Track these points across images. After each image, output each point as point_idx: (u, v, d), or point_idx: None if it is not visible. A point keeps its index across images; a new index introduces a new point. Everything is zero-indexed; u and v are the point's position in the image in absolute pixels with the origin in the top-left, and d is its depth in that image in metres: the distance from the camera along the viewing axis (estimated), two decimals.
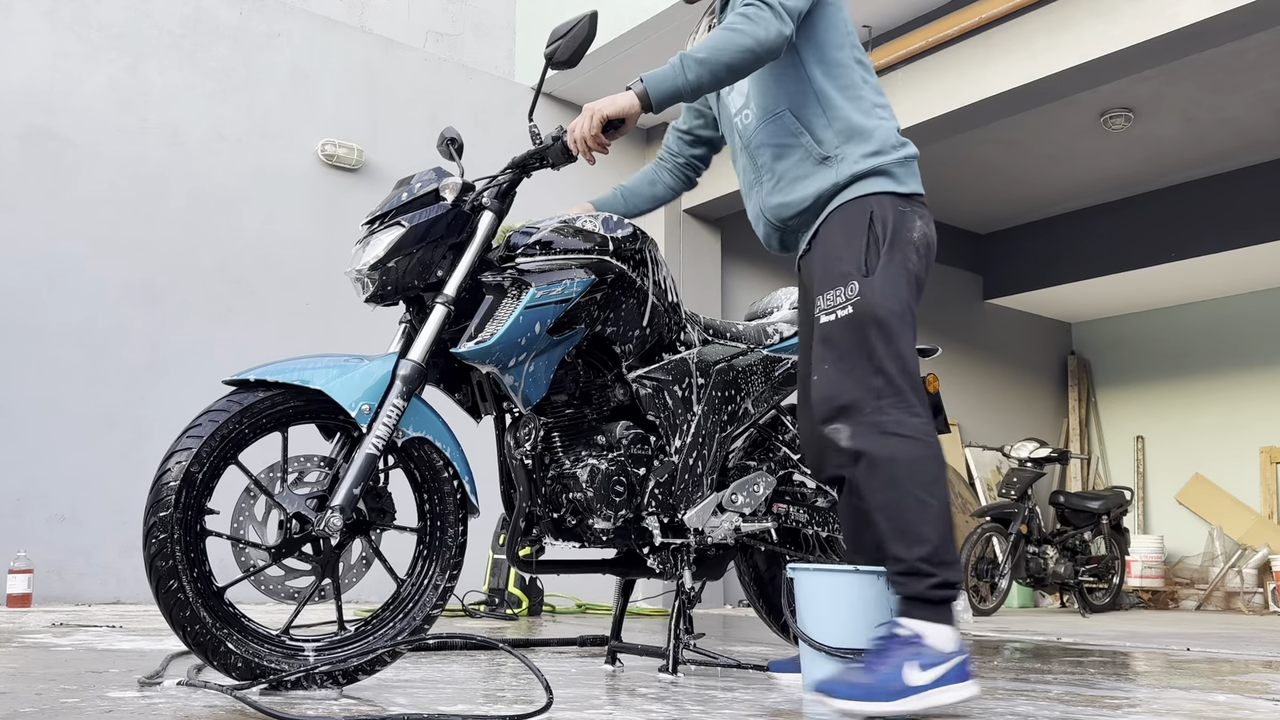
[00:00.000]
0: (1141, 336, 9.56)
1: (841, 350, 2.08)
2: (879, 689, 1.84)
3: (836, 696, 1.85)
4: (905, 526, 1.96)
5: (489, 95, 6.45)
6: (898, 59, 5.57)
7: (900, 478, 1.98)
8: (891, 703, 1.84)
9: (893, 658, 1.88)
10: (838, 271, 2.12)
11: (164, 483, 1.91)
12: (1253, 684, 2.64)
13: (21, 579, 4.38)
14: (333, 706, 1.81)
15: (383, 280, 2.18)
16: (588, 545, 2.48)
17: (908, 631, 1.91)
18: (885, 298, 2.07)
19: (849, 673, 1.89)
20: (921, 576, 1.94)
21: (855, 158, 2.18)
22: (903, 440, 2.00)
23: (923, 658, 1.87)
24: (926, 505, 1.97)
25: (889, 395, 2.03)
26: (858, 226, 2.13)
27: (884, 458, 1.99)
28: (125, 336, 5.05)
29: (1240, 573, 8.08)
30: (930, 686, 1.86)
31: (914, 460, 1.99)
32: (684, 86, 2.09)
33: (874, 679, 1.85)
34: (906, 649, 1.88)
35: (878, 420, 2.02)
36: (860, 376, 2.04)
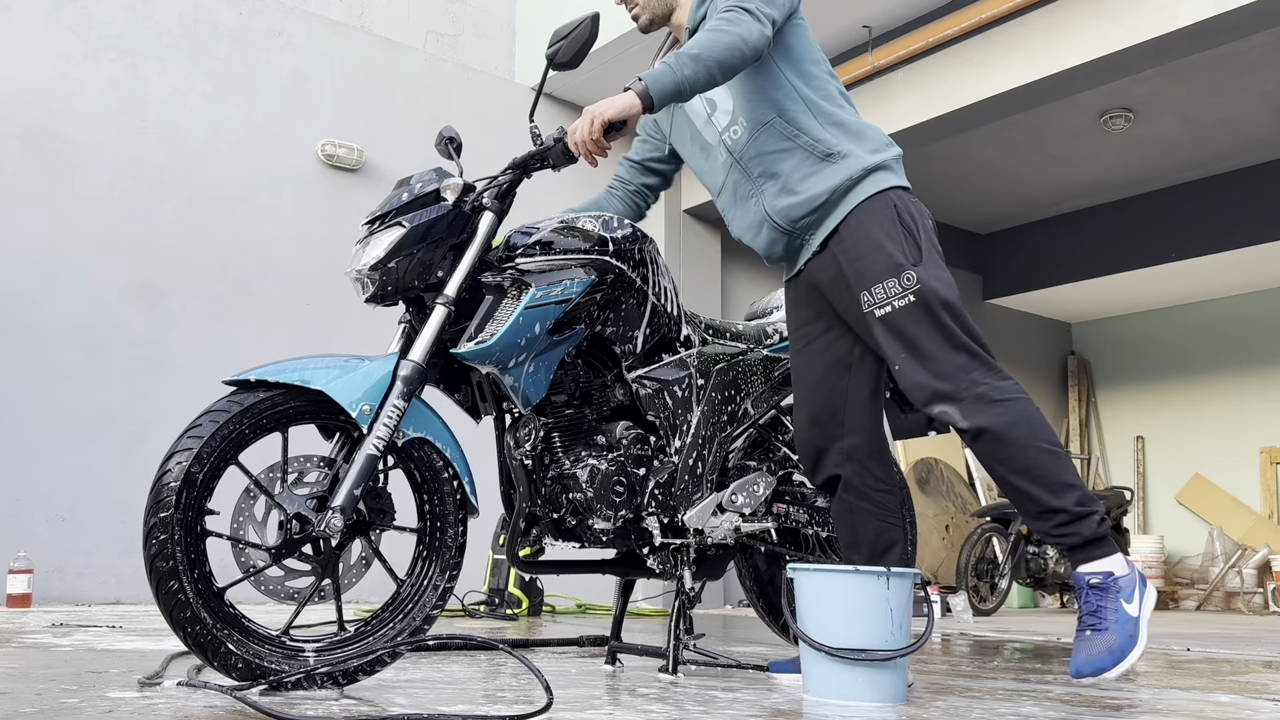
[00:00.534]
0: (1141, 337, 9.56)
1: (915, 337, 2.16)
2: (1125, 639, 1.99)
3: (1105, 669, 1.98)
4: (1051, 479, 2.07)
5: (489, 95, 6.45)
6: (898, 59, 5.57)
7: (1025, 439, 2.08)
8: (1138, 644, 2.01)
9: (1109, 607, 2.03)
10: (887, 264, 2.19)
11: (164, 483, 1.91)
12: (1253, 684, 2.64)
13: (21, 579, 4.38)
14: (333, 707, 1.81)
15: (383, 280, 2.18)
16: (588, 545, 2.48)
17: (1098, 577, 2.05)
18: (941, 281, 2.18)
19: (1087, 646, 2.02)
20: (1084, 518, 2.06)
21: (861, 153, 2.26)
22: (1011, 404, 2.11)
23: (1123, 591, 2.04)
24: (1057, 455, 2.09)
25: (978, 367, 2.14)
26: (889, 219, 2.22)
27: (1004, 426, 2.09)
28: (125, 337, 5.05)
29: (1240, 573, 8.08)
30: (1142, 608, 2.04)
31: (1029, 420, 2.10)
32: (682, 83, 2.10)
33: (1115, 635, 2.00)
34: (1110, 593, 2.03)
35: (980, 393, 2.12)
36: (946, 357, 2.14)
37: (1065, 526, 2.07)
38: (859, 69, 5.70)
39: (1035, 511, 2.10)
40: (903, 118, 5.70)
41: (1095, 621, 2.03)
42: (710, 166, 2.45)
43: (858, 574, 2.07)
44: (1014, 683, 2.52)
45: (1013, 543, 6.56)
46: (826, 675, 2.08)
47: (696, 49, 2.11)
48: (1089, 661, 1.99)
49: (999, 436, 2.09)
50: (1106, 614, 2.02)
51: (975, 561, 6.38)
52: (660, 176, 2.69)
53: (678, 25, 2.46)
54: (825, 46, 5.89)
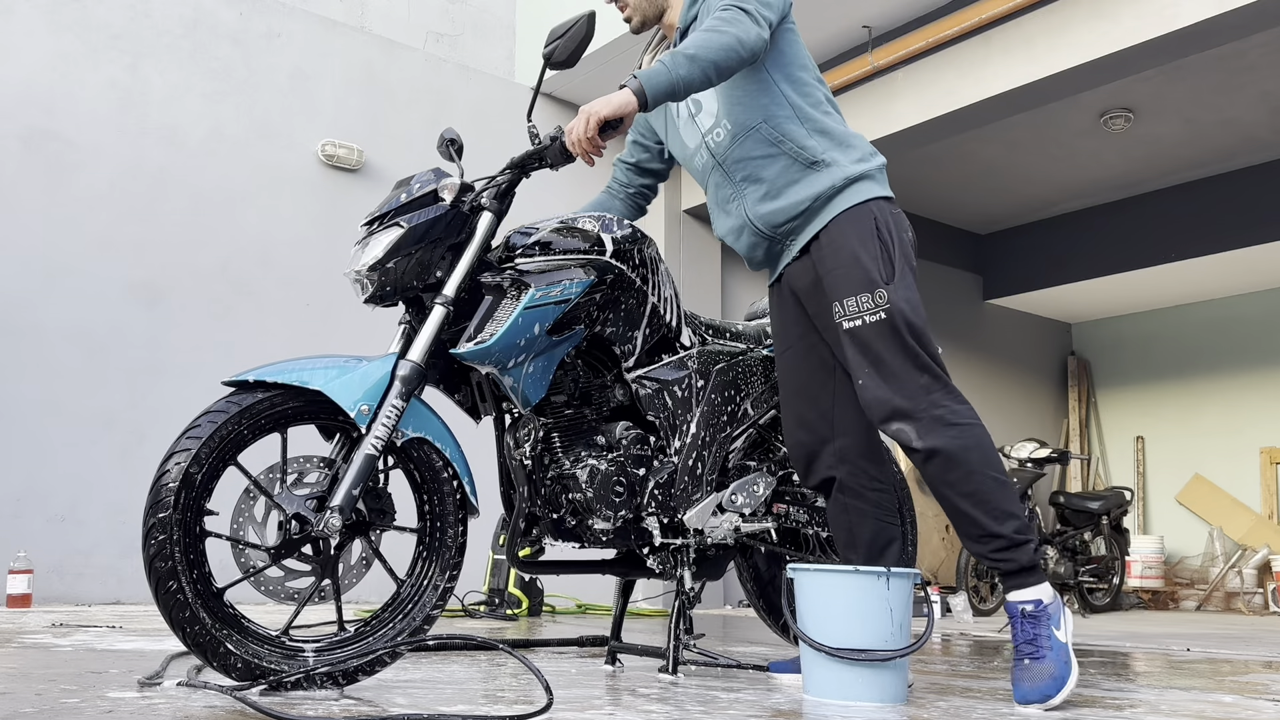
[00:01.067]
0: (1142, 337, 9.56)
1: (880, 353, 2.19)
2: (1062, 666, 2.04)
3: (1051, 697, 2.00)
4: (994, 506, 2.12)
5: (489, 95, 6.45)
6: (898, 59, 5.57)
7: (976, 465, 2.13)
8: (1072, 666, 2.06)
9: (1044, 635, 2.07)
10: (861, 278, 2.21)
11: (163, 484, 1.91)
12: (1253, 684, 2.64)
13: (21, 579, 4.38)
14: (333, 707, 1.81)
15: (382, 281, 2.18)
16: (587, 545, 2.48)
17: (1030, 605, 2.09)
18: (910, 302, 2.21)
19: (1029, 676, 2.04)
20: (1021, 545, 2.11)
21: (846, 162, 2.28)
22: (966, 429, 2.15)
23: (1053, 618, 2.09)
24: (1003, 484, 2.15)
25: (938, 389, 2.18)
26: (867, 233, 2.23)
27: (957, 449, 2.13)
28: (125, 337, 5.05)
29: (1240, 573, 8.08)
30: (1068, 635, 2.11)
31: (980, 445, 2.15)
32: (677, 82, 2.10)
33: (1052, 663, 2.04)
34: (1042, 621, 2.08)
35: (937, 414, 2.15)
36: (909, 376, 2.17)
37: (1003, 552, 2.11)
38: (859, 69, 5.70)
39: (976, 535, 2.14)
40: (903, 118, 5.69)
41: (1032, 650, 2.06)
42: (692, 167, 2.47)
43: (858, 574, 2.07)
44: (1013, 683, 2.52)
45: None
46: (826, 675, 2.08)
47: (693, 49, 2.11)
48: (1035, 689, 2.01)
49: (951, 459, 2.12)
50: (1042, 641, 2.06)
51: (975, 562, 6.38)
52: (656, 175, 2.70)
53: (669, 25, 2.46)
54: (825, 47, 5.89)
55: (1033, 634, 2.07)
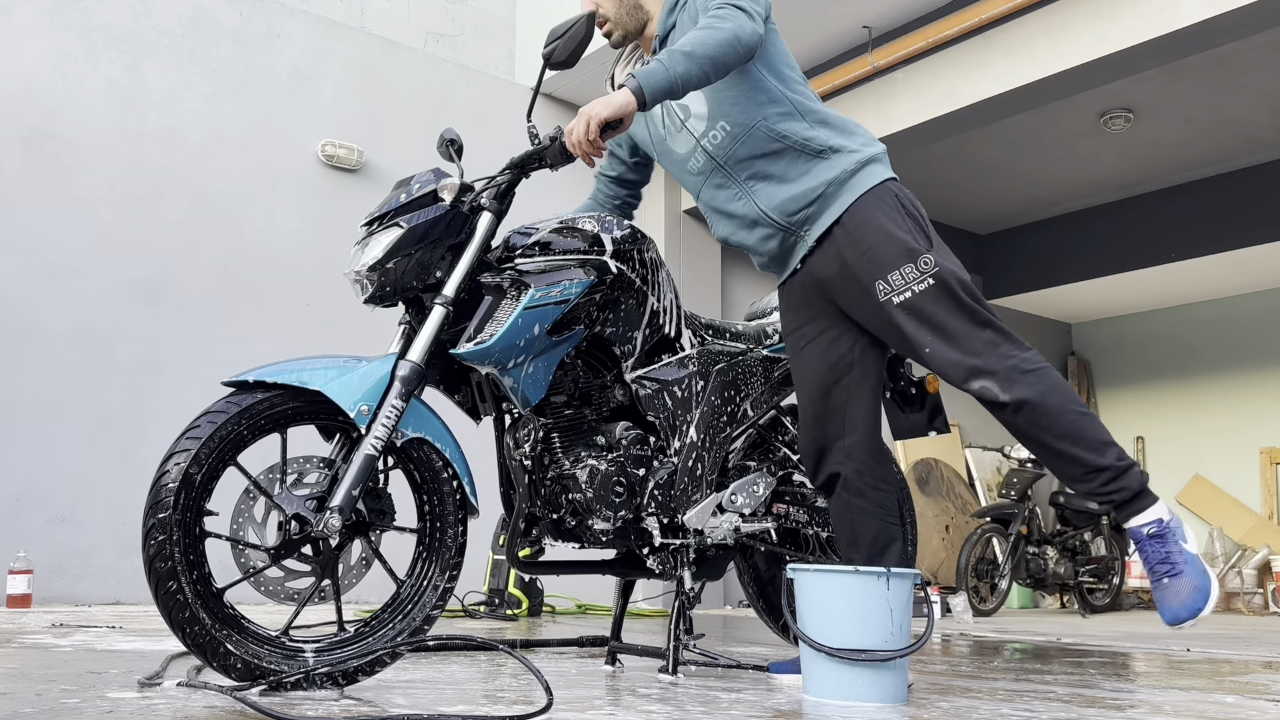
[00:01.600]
0: (1142, 337, 9.56)
1: (940, 319, 2.20)
2: (1202, 577, 2.07)
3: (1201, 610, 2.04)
4: (1090, 440, 2.13)
5: (488, 96, 6.45)
6: (898, 59, 5.57)
7: (1062, 405, 2.14)
8: (1211, 575, 2.09)
9: (1175, 551, 2.10)
10: (900, 250, 2.22)
11: (163, 484, 1.91)
12: (1253, 685, 2.64)
13: (21, 579, 4.38)
14: (333, 707, 1.81)
15: (381, 281, 2.18)
16: (587, 546, 2.48)
17: (1153, 525, 2.12)
18: (954, 264, 2.23)
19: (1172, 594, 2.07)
20: (1127, 471, 2.12)
21: (852, 148, 2.29)
22: (1041, 373, 2.17)
23: (1179, 533, 2.12)
24: (1090, 416, 2.16)
25: (1004, 341, 2.19)
26: (893, 208, 2.25)
27: (1041, 395, 2.14)
28: (125, 337, 5.05)
29: (1240, 573, 8.08)
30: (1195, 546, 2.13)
31: (1060, 386, 2.16)
32: (675, 80, 2.09)
33: (1193, 576, 2.07)
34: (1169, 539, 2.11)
35: (1013, 365, 2.17)
36: (974, 335, 2.19)
37: (1113, 482, 2.13)
38: (859, 69, 5.70)
39: (1081, 473, 2.15)
40: (903, 118, 5.69)
41: (1169, 568, 2.09)
42: (685, 172, 2.44)
43: (858, 574, 2.07)
44: (1014, 683, 2.52)
45: (1013, 543, 6.56)
46: (827, 676, 2.07)
47: (690, 45, 2.10)
48: (1184, 607, 2.05)
49: (1038, 405, 2.14)
50: (1175, 557, 2.08)
51: (975, 562, 6.38)
52: (635, 185, 2.71)
53: (648, 38, 2.43)
54: (825, 47, 5.89)
55: (1164, 552, 2.09)
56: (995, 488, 8.31)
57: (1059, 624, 5.68)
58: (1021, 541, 6.63)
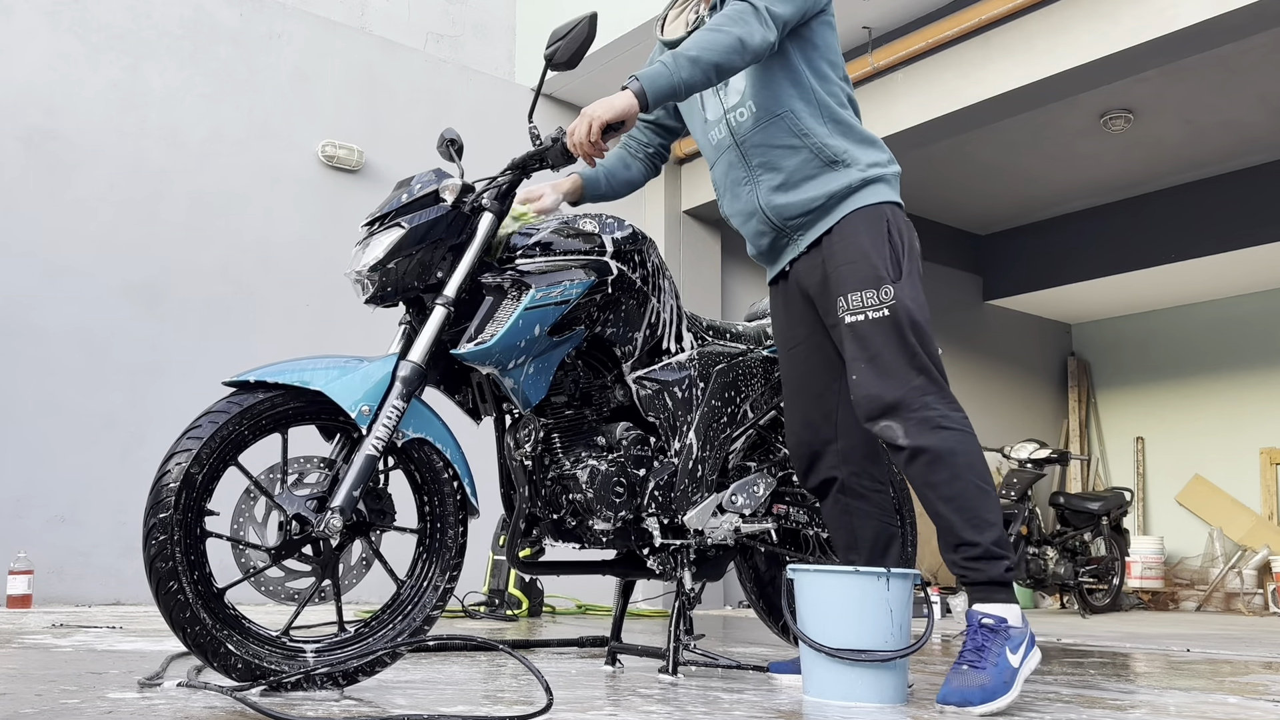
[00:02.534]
0: (1141, 338, 9.56)
1: (878, 350, 2.16)
2: (999, 684, 1.97)
3: (972, 704, 1.94)
4: (974, 514, 2.07)
5: (489, 96, 6.45)
6: (898, 60, 5.57)
7: (961, 468, 2.09)
8: (1010, 692, 1.98)
9: (993, 648, 2.00)
10: (869, 274, 2.19)
11: (164, 484, 1.91)
12: (1253, 685, 2.64)
13: (21, 580, 4.38)
14: (333, 708, 1.81)
15: (382, 282, 2.18)
16: (588, 546, 2.48)
17: (992, 619, 2.03)
18: (915, 303, 2.20)
19: (960, 678, 1.98)
20: (995, 559, 2.06)
21: (864, 164, 2.27)
22: (955, 433, 2.11)
23: (1013, 640, 2.02)
24: (987, 493, 2.10)
25: (932, 391, 2.15)
26: (879, 232, 2.23)
27: (944, 451, 2.09)
28: (125, 337, 5.05)
29: (1240, 574, 8.08)
30: (1024, 664, 2.02)
31: (969, 451, 2.12)
32: (678, 84, 2.10)
33: (989, 676, 1.97)
34: (998, 636, 2.01)
35: (928, 415, 2.12)
36: (903, 375, 2.15)
37: (975, 561, 2.06)
38: (859, 70, 5.70)
39: (952, 542, 2.10)
40: (903, 119, 5.69)
41: (975, 659, 2.00)
42: (705, 139, 2.44)
43: (858, 575, 2.07)
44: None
45: (1013, 543, 6.56)
46: (827, 676, 2.08)
47: (695, 50, 2.10)
48: (957, 691, 1.95)
49: (936, 459, 2.09)
50: (989, 655, 1.99)
51: None
52: (673, 133, 2.67)
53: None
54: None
55: (982, 643, 2.00)
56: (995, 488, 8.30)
57: (1059, 624, 5.68)
58: (1021, 542, 6.63)
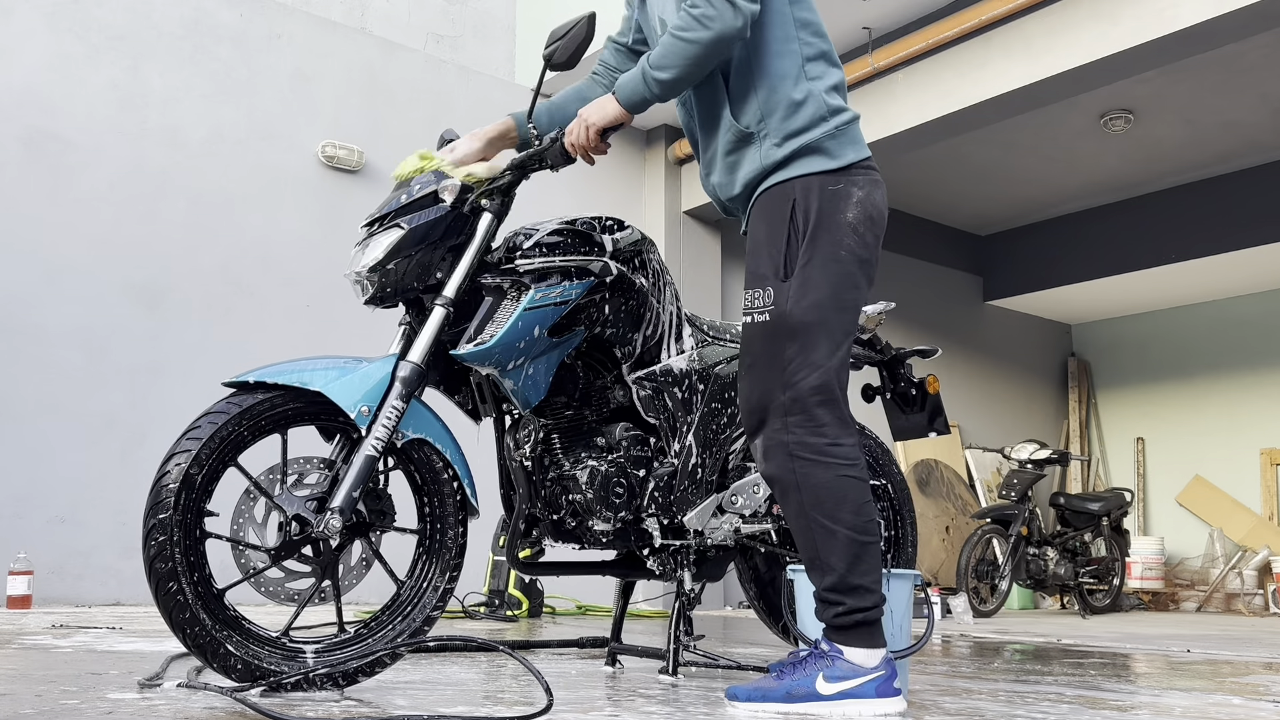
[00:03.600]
0: (1142, 338, 9.56)
1: (755, 357, 2.02)
2: (779, 692, 1.92)
3: (735, 699, 1.94)
4: (813, 555, 1.97)
5: (489, 97, 6.45)
6: (898, 60, 5.57)
7: (805, 506, 1.95)
8: (789, 704, 1.91)
9: (806, 668, 1.94)
10: (757, 271, 2.04)
11: (163, 485, 1.91)
12: (1253, 686, 2.64)
13: (21, 580, 4.38)
14: (333, 708, 1.81)
15: (382, 282, 2.18)
16: (587, 547, 2.48)
17: (828, 645, 1.96)
18: (802, 304, 1.97)
19: (760, 681, 1.96)
20: (829, 605, 1.96)
21: (778, 137, 2.04)
22: (806, 464, 1.95)
23: (833, 670, 1.92)
24: (831, 532, 1.94)
25: (795, 413, 1.96)
26: (778, 219, 2.02)
27: (789, 484, 1.97)
28: (125, 337, 5.05)
29: (1240, 574, 8.08)
30: (836, 697, 1.90)
31: (816, 487, 1.94)
32: (652, 99, 2.07)
33: (777, 684, 1.93)
34: (820, 661, 1.94)
35: (783, 440, 1.97)
36: (770, 390, 1.99)
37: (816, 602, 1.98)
38: (859, 70, 5.70)
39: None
40: (902, 119, 5.69)
41: (783, 669, 1.95)
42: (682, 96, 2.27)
43: None
44: (1014, 684, 2.52)
45: (1013, 544, 6.56)
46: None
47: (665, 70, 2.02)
48: (742, 688, 1.95)
49: (783, 491, 1.98)
50: (798, 671, 1.93)
51: (975, 563, 6.38)
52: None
53: None
54: None
55: (801, 660, 1.95)
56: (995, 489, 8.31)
57: (1059, 625, 5.68)
58: (1022, 542, 6.63)
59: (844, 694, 1.90)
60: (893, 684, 1.93)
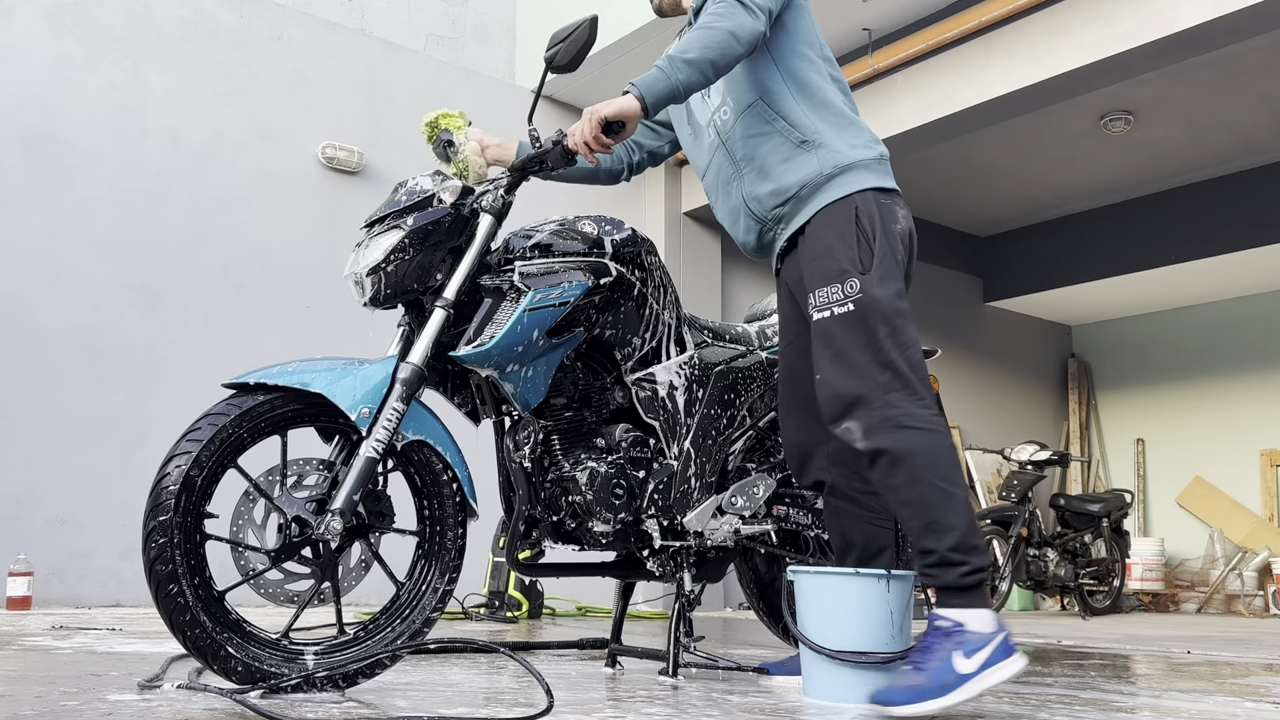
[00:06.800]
0: (1142, 339, 9.56)
1: (843, 346, 2.10)
2: (933, 686, 1.88)
3: (895, 704, 1.87)
4: (933, 518, 2.00)
5: (489, 98, 6.45)
6: (898, 61, 5.58)
7: (921, 471, 2.01)
8: (947, 696, 1.87)
9: (939, 651, 1.91)
10: (833, 269, 2.14)
11: (163, 486, 1.90)
12: (1254, 687, 2.63)
13: (21, 582, 4.38)
14: (333, 710, 1.81)
15: (381, 283, 2.18)
16: (587, 548, 2.48)
17: (948, 623, 1.95)
18: (885, 293, 2.11)
19: (899, 678, 1.92)
20: (953, 565, 1.98)
21: (836, 145, 2.22)
22: (918, 433, 2.03)
23: (966, 645, 1.92)
24: (950, 495, 2.01)
25: (897, 389, 2.06)
26: (845, 223, 2.17)
27: (904, 453, 2.02)
28: (125, 339, 5.05)
29: (1241, 575, 8.08)
30: (980, 671, 1.90)
31: (931, 452, 2.02)
32: (677, 86, 2.10)
33: (926, 677, 1.89)
34: (949, 640, 1.93)
35: (889, 414, 2.04)
36: (866, 372, 2.08)
37: (932, 568, 2.00)
38: (859, 71, 5.70)
39: (914, 546, 2.05)
40: (903, 120, 5.70)
41: (919, 659, 1.92)
42: (698, 147, 2.44)
43: (858, 576, 2.07)
44: (1015, 685, 2.52)
45: (1013, 545, 6.56)
46: (827, 678, 2.07)
47: (689, 50, 2.10)
48: (886, 690, 1.89)
49: (895, 462, 2.02)
50: (933, 657, 1.91)
51: None
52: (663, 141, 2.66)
53: (685, 8, 2.46)
54: None
55: (930, 644, 1.92)
56: (995, 490, 8.31)
57: (1059, 626, 5.68)
58: (1022, 543, 6.63)
59: (985, 665, 1.91)
60: (1011, 640, 1.96)
